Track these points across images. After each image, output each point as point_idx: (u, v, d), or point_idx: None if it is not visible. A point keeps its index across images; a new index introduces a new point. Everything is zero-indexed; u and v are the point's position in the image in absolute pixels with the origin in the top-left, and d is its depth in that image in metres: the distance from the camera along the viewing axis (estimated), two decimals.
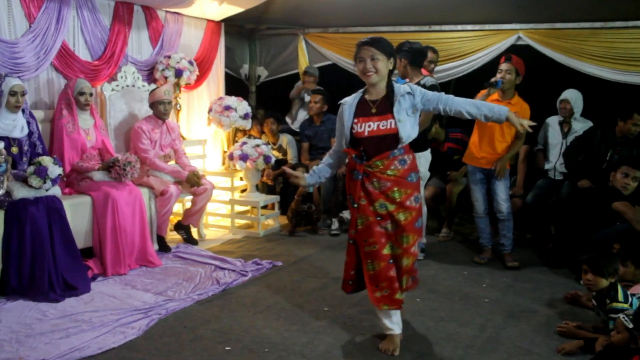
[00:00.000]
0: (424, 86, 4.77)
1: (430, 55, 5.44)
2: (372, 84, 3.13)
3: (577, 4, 5.54)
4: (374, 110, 3.13)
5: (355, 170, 3.13)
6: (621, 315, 2.98)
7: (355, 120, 3.13)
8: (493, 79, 4.62)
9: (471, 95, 4.73)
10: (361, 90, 3.26)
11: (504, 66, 4.69)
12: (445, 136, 5.89)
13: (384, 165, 3.07)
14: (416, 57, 4.81)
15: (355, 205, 3.13)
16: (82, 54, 5.11)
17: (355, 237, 3.19)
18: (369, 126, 3.10)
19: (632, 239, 4.18)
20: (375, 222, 3.10)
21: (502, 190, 4.83)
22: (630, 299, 3.33)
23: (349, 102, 3.21)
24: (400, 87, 3.15)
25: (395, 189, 3.07)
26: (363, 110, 3.16)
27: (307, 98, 6.90)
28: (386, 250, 3.12)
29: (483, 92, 4.72)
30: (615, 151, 4.95)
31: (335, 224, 5.99)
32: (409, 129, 3.09)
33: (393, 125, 3.06)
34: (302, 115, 6.98)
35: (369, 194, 3.10)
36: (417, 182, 3.17)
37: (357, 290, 3.35)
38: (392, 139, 3.08)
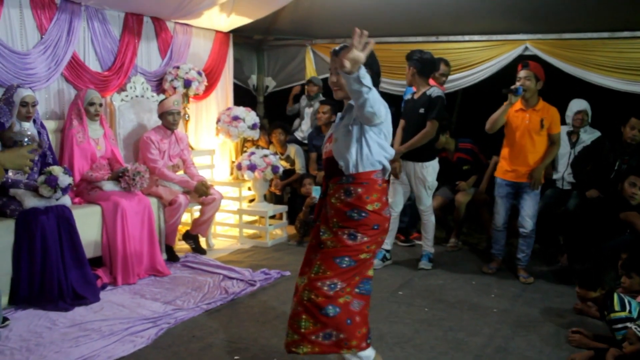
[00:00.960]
0: (429, 97, 4.80)
1: (442, 68, 5.46)
2: (340, 99, 2.68)
3: (583, 15, 5.55)
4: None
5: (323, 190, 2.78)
6: (633, 326, 2.97)
7: (329, 137, 2.76)
8: (513, 86, 4.51)
9: (479, 105, 4.75)
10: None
11: (522, 73, 4.58)
12: (455, 146, 5.89)
13: (332, 190, 2.63)
14: (425, 67, 4.82)
15: (313, 225, 2.85)
16: (92, 64, 5.17)
17: None
18: (326, 147, 2.73)
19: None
20: (314, 248, 2.71)
21: (529, 205, 4.72)
22: (628, 305, 3.30)
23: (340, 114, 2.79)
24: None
25: (335, 220, 2.60)
26: (334, 126, 2.76)
27: (306, 109, 6.96)
28: (299, 280, 2.72)
29: (505, 104, 4.62)
30: (624, 161, 4.93)
31: None
32: (343, 151, 2.55)
33: (330, 147, 2.65)
34: (306, 125, 7.02)
35: (321, 216, 2.74)
36: (360, 221, 2.56)
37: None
38: (333, 162, 2.61)
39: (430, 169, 4.88)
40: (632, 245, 4.18)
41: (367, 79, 2.31)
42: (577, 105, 5.45)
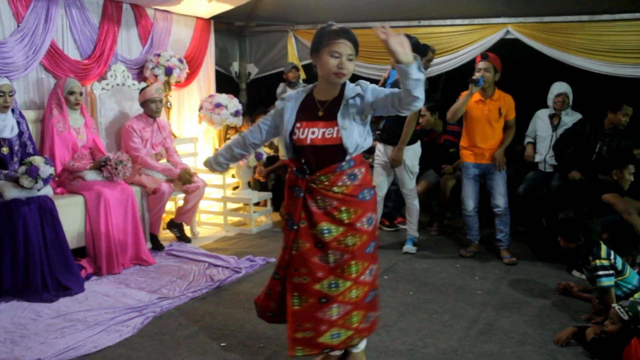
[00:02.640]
0: None
1: (429, 54, 5.47)
2: (337, 84, 2.61)
3: None
4: (320, 114, 2.61)
5: (297, 187, 2.63)
6: (616, 306, 3.02)
7: (298, 125, 2.61)
8: (474, 77, 4.64)
9: (463, 88, 4.78)
10: (310, 86, 2.73)
11: (481, 64, 4.72)
12: (443, 128, 5.90)
13: (329, 181, 2.57)
14: None
15: (295, 227, 2.62)
16: (72, 53, 5.09)
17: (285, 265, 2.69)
18: (313, 133, 2.58)
19: (621, 230, 4.23)
20: (314, 251, 2.61)
21: (500, 184, 4.86)
22: (613, 258, 3.40)
23: (293, 98, 2.69)
24: (351, 88, 2.62)
25: (343, 208, 2.58)
26: (308, 112, 2.63)
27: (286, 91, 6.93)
28: (319, 286, 2.59)
29: (464, 94, 4.76)
30: (605, 142, 4.99)
31: None
32: (356, 138, 2.57)
33: (336, 134, 2.56)
34: None
35: (311, 215, 2.59)
36: (371, 200, 2.66)
37: (278, 322, 2.89)
38: (337, 149, 2.57)
39: (411, 153, 4.92)
40: (615, 225, 4.25)
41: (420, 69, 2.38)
42: (558, 88, 5.50)
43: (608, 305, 3.25)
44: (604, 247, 3.43)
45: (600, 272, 3.34)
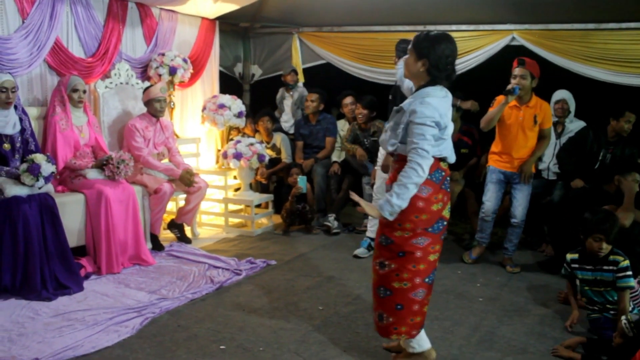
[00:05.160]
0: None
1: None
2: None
3: (570, 6, 5.56)
4: None
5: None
6: (624, 321, 3.00)
7: None
8: (509, 86, 4.46)
9: (468, 94, 4.74)
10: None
11: (517, 71, 4.55)
12: (460, 127, 5.76)
13: None
14: None
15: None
16: (76, 50, 5.07)
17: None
18: None
19: (620, 238, 4.18)
20: None
21: (522, 196, 4.74)
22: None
23: None
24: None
25: None
26: None
27: (284, 100, 6.92)
28: None
29: (499, 98, 4.58)
30: (608, 150, 4.97)
31: (335, 223, 5.96)
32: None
33: None
34: (287, 116, 6.97)
35: None
36: None
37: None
38: None
39: None
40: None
41: (393, 206, 2.64)
42: (558, 95, 5.52)
43: (625, 308, 3.38)
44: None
45: (629, 272, 3.44)
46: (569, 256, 3.73)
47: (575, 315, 3.66)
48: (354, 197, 2.82)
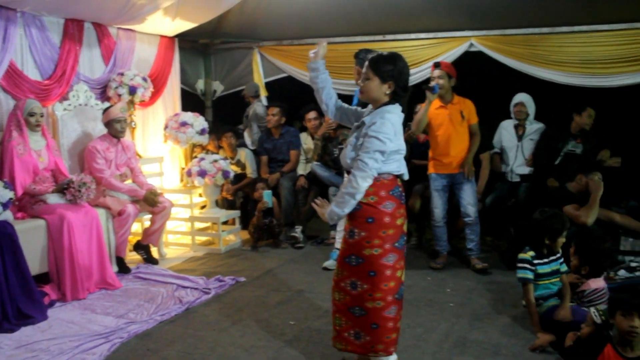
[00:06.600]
0: None
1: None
2: (365, 100, 3.01)
3: (525, 11, 5.68)
4: None
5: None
6: (592, 309, 3.04)
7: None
8: (430, 84, 4.74)
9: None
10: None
11: (435, 73, 4.89)
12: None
13: None
14: None
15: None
16: (31, 73, 4.96)
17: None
18: None
19: (584, 237, 4.23)
20: None
21: (469, 194, 4.92)
22: None
23: None
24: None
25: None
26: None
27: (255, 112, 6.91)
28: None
29: (423, 105, 4.83)
30: (577, 141, 5.24)
31: (301, 236, 5.93)
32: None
33: None
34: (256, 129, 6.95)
35: None
36: (355, 214, 2.79)
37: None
38: None
39: None
40: (579, 233, 4.27)
41: (343, 208, 2.73)
42: (517, 98, 5.68)
43: (568, 286, 3.63)
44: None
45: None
46: (527, 255, 3.63)
47: (547, 340, 3.38)
48: (314, 205, 2.90)
